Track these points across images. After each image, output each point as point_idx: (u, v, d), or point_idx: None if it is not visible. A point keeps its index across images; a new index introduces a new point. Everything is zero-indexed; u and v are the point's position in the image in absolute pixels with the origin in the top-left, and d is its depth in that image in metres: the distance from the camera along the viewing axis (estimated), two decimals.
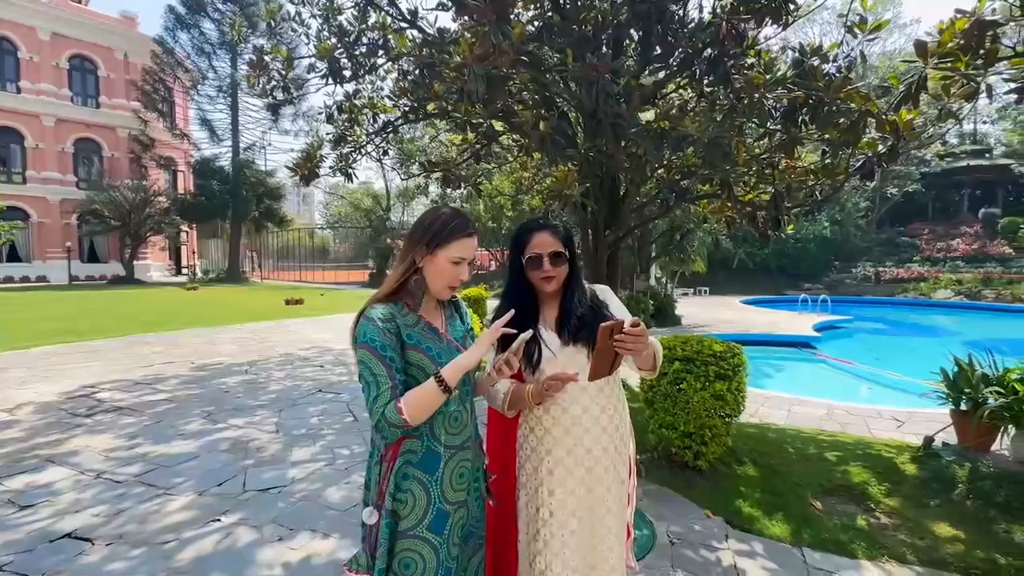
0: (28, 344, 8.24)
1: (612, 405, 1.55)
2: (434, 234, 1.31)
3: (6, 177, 24.39)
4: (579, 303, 1.56)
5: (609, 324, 1.29)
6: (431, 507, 1.28)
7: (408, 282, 1.33)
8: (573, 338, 1.51)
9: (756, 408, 5.58)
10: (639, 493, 3.12)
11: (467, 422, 1.38)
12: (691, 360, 3.29)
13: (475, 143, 5.71)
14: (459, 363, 1.24)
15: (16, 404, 5.02)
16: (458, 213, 1.36)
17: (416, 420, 1.21)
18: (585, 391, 1.50)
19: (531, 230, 1.56)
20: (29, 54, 24.80)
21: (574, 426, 1.50)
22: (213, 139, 29.06)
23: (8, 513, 2.90)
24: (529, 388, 1.46)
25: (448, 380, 1.22)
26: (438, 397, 1.22)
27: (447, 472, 1.31)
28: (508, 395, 1.49)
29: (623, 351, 1.32)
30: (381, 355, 1.23)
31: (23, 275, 24.58)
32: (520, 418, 1.57)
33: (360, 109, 6.38)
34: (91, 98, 26.99)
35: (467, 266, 1.33)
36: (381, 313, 1.27)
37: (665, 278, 17.26)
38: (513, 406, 1.50)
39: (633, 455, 1.67)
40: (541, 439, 1.52)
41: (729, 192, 4.75)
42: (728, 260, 22.47)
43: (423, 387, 1.23)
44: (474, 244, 1.33)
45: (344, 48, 5.61)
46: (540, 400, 1.45)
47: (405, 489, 1.28)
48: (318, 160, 6.36)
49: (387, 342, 1.24)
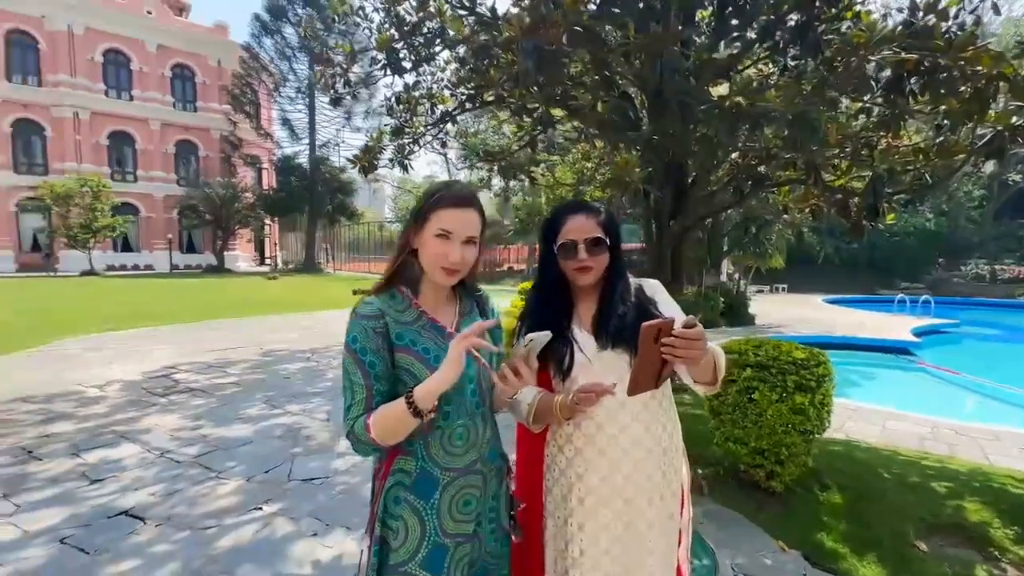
0: (124, 326, 9.10)
1: (659, 424, 1.28)
2: (421, 206, 1.11)
3: (121, 176, 27.36)
4: (621, 299, 1.29)
5: (655, 323, 1.01)
6: (426, 539, 1.08)
7: (403, 267, 1.15)
8: (612, 341, 1.25)
9: (842, 422, 4.95)
10: (698, 514, 2.79)
11: (477, 441, 1.15)
12: (765, 367, 2.88)
13: (531, 130, 5.47)
14: (430, 384, 1.01)
15: (106, 381, 5.48)
16: (454, 183, 1.17)
17: (386, 441, 1.04)
18: (624, 406, 1.24)
19: (564, 212, 1.31)
20: (140, 65, 27.60)
21: (610, 447, 1.24)
22: (293, 138, 30.93)
23: (79, 486, 3.09)
24: (558, 399, 1.22)
25: (419, 402, 1.00)
26: (407, 420, 1.01)
27: (446, 499, 1.11)
28: (534, 406, 1.25)
29: (672, 359, 1.03)
30: (359, 359, 1.06)
31: (134, 263, 27.55)
32: (548, 434, 1.33)
33: (418, 100, 6.35)
34: (189, 103, 29.60)
35: (464, 245, 1.09)
36: (369, 309, 1.10)
37: (738, 274, 16.12)
38: (540, 420, 1.27)
39: (687, 484, 1.39)
40: (571, 461, 1.27)
41: (816, 177, 4.18)
42: (811, 255, 20.63)
43: (392, 406, 1.03)
44: (468, 217, 1.10)
45: (402, 38, 5.57)
46: (570, 415, 1.21)
47: (396, 515, 1.10)
48: (377, 152, 6.42)
49: (368, 344, 1.07)
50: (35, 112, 25.02)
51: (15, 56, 24.66)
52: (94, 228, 22.71)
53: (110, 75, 26.97)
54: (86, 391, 5.13)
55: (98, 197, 22.74)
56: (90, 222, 22.56)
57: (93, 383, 5.41)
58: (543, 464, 1.33)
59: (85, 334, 8.27)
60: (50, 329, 8.52)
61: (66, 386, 5.27)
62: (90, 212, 22.55)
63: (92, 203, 22.58)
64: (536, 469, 1.34)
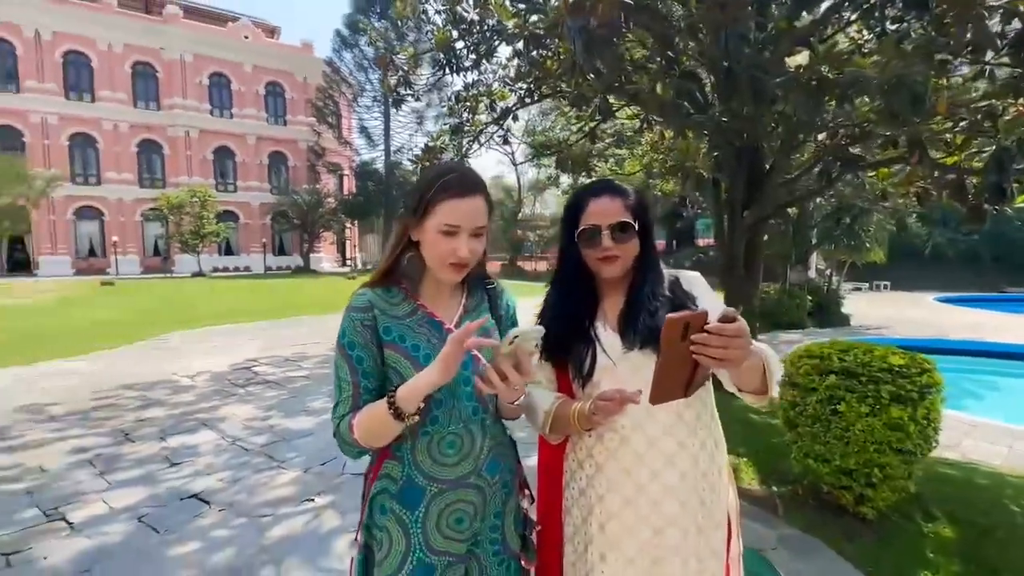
0: (220, 322, 9.99)
1: (697, 440, 1.08)
2: (420, 196, 0.99)
3: (223, 187, 30.32)
4: (652, 293, 1.10)
5: (681, 316, 0.81)
6: (410, 555, 0.98)
7: (400, 260, 1.05)
8: (641, 341, 1.06)
9: (958, 439, 4.27)
10: (771, 538, 2.47)
11: (471, 451, 1.02)
12: (853, 374, 2.49)
13: (589, 121, 5.24)
14: (416, 383, 0.91)
15: (197, 372, 6.01)
16: (455, 167, 1.02)
17: (370, 444, 0.96)
18: (654, 417, 1.05)
19: (587, 195, 1.14)
20: (238, 86, 30.40)
21: (636, 467, 1.05)
22: (370, 144, 32.62)
23: (160, 468, 3.36)
24: (576, 407, 1.06)
25: (400, 403, 0.90)
26: (388, 423, 0.91)
27: (433, 513, 1.00)
28: (551, 414, 1.09)
29: (706, 360, 0.83)
30: (347, 353, 1.00)
31: (235, 265, 30.43)
32: (568, 446, 1.17)
33: (478, 98, 6.35)
34: (280, 117, 32.13)
35: (472, 238, 0.97)
36: (359, 301, 1.03)
37: (830, 269, 14.64)
38: (558, 430, 1.11)
39: (735, 513, 1.16)
40: (591, 479, 1.10)
41: (922, 154, 3.62)
42: (918, 247, 18.29)
43: (375, 405, 0.94)
44: (473, 206, 0.97)
45: (461, 36, 5.58)
46: (589, 425, 1.05)
47: (381, 525, 1.01)
48: (439, 152, 6.49)
49: (356, 338, 1.00)
50: (156, 133, 28.40)
51: (139, 85, 28.12)
52: (202, 234, 25.40)
53: (214, 96, 29.96)
54: (180, 380, 5.65)
55: (205, 206, 25.39)
56: (199, 229, 25.26)
57: (186, 373, 5.95)
58: (562, 480, 1.17)
59: (188, 329, 9.18)
60: (160, 324, 9.55)
61: (164, 375, 5.83)
62: (199, 220, 25.24)
63: (200, 212, 25.26)
64: (555, 485, 1.18)
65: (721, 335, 0.81)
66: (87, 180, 26.83)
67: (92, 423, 4.24)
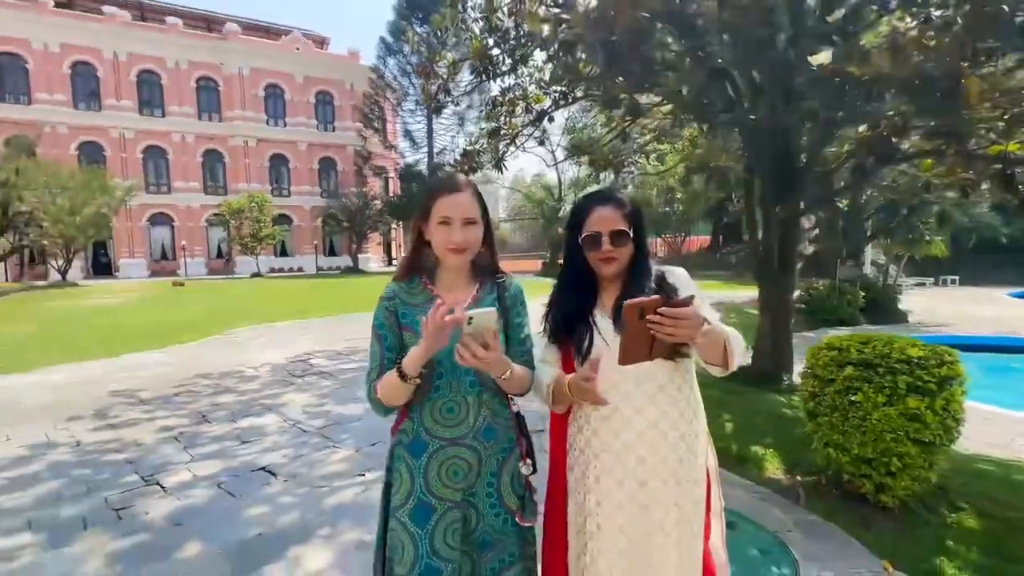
0: (278, 319, 10.74)
1: (676, 409, 1.27)
2: (424, 201, 1.28)
3: (279, 192, 32.08)
4: (641, 287, 1.31)
5: (636, 302, 1.06)
6: (413, 493, 1.24)
7: (419, 257, 1.32)
8: None
9: (1010, 439, 4.14)
10: (788, 522, 2.58)
11: (467, 417, 1.26)
12: (870, 365, 2.56)
13: (621, 120, 5.37)
14: (413, 353, 1.16)
15: (260, 364, 6.59)
16: (445, 174, 1.32)
17: (390, 403, 1.24)
18: (640, 387, 1.26)
19: (591, 203, 1.35)
20: (291, 96, 32.06)
21: (624, 429, 1.27)
22: (413, 147, 33.57)
23: (233, 445, 3.81)
24: (568, 379, 1.28)
25: (404, 367, 1.16)
26: (398, 384, 1.18)
27: (434, 464, 1.24)
28: (550, 387, 1.32)
29: (660, 336, 1.08)
30: (378, 333, 1.30)
31: (289, 266, 32.12)
32: (570, 415, 1.39)
33: (514, 101, 6.58)
34: (329, 124, 33.61)
35: (464, 227, 1.23)
36: (387, 291, 1.32)
37: (892, 265, 13.92)
38: (558, 400, 1.33)
39: (713, 471, 1.36)
40: (589, 440, 1.32)
41: (958, 145, 3.59)
42: (989, 239, 17.00)
43: (390, 372, 1.20)
44: (461, 200, 1.23)
45: (496, 43, 5.84)
46: (580, 393, 1.26)
47: (396, 468, 1.29)
48: (477, 155, 6.78)
49: (383, 320, 1.29)
50: (218, 143, 30.44)
51: (203, 99, 30.21)
52: (260, 237, 27.05)
53: (269, 106, 31.74)
54: (246, 371, 6.23)
55: (262, 211, 27.02)
56: (257, 232, 26.92)
57: (251, 364, 6.54)
58: (565, 441, 1.40)
59: (250, 325, 9.95)
60: (226, 321, 10.40)
61: (233, 366, 6.44)
62: (257, 224, 26.89)
63: (258, 216, 26.90)
64: (561, 448, 1.41)
65: (670, 317, 1.03)
66: (159, 189, 29.14)
67: (174, 406, 4.81)
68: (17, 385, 5.70)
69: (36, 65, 26.10)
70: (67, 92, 26.82)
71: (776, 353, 5.01)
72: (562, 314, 1.38)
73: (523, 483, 1.34)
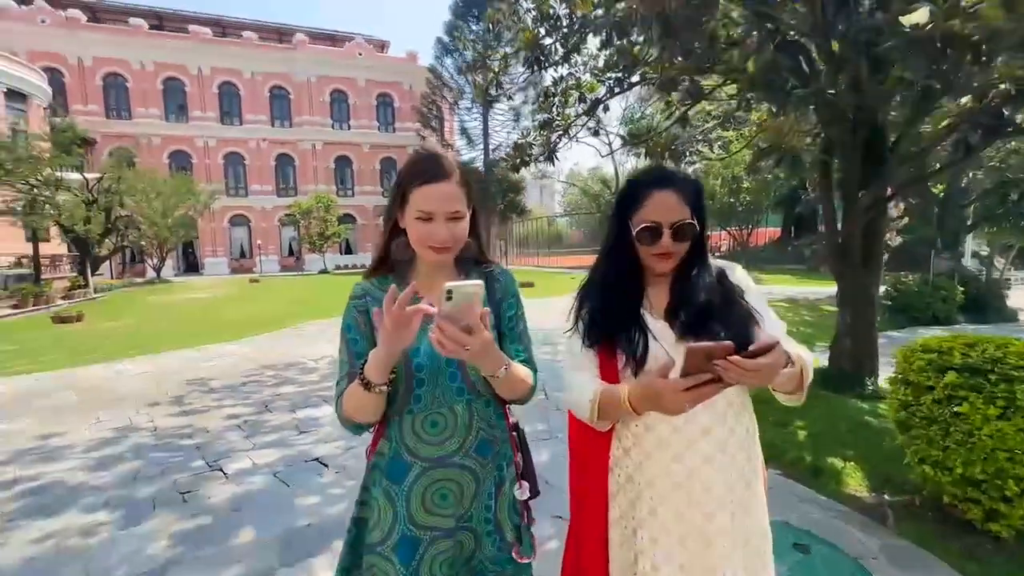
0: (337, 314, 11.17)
1: (742, 426, 1.08)
2: (397, 186, 1.06)
3: (343, 192, 33.61)
4: (702, 284, 1.11)
5: (701, 348, 0.85)
6: (396, 526, 1.05)
7: (390, 249, 1.11)
8: (693, 329, 1.07)
9: None
10: (874, 548, 2.28)
11: (456, 431, 1.06)
12: (979, 371, 2.19)
13: (679, 105, 5.04)
14: (376, 354, 0.94)
15: (321, 356, 6.85)
16: (427, 155, 1.05)
17: (357, 418, 1.03)
18: (707, 405, 1.02)
19: (648, 186, 1.10)
20: (354, 99, 33.44)
21: (689, 453, 1.06)
22: (470, 145, 33.93)
23: (291, 435, 3.95)
24: (627, 390, 1.02)
25: (367, 373, 0.95)
26: (365, 397, 0.97)
27: (417, 489, 1.05)
28: (596, 399, 1.07)
29: (730, 380, 0.86)
30: (346, 337, 1.10)
31: (354, 263, 33.58)
32: (614, 433, 1.16)
33: (568, 91, 6.41)
34: (389, 125, 34.75)
35: (450, 222, 1.01)
36: (356, 290, 1.13)
37: (993, 255, 12.36)
38: (606, 415, 1.08)
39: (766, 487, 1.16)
40: (640, 465, 1.11)
41: None
42: None
43: (354, 383, 1.00)
44: (446, 191, 1.01)
45: (548, 32, 5.69)
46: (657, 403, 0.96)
47: (373, 497, 1.09)
48: (528, 149, 6.66)
49: (352, 322, 1.10)
50: (288, 148, 32.34)
51: (275, 106, 32.19)
52: (326, 235, 28.49)
53: (334, 111, 33.30)
54: (307, 363, 6.50)
55: (328, 210, 28.43)
56: (324, 231, 28.36)
57: (313, 357, 6.82)
58: (606, 465, 1.17)
59: (316, 320, 10.44)
60: (297, 315, 10.98)
61: (296, 358, 6.75)
62: (323, 223, 28.33)
63: (325, 215, 28.33)
64: (595, 470, 1.18)
65: (747, 369, 0.83)
66: (237, 192, 31.40)
67: (241, 396, 5.08)
68: (114, 372, 6.28)
69: (135, 83, 28.87)
70: (160, 106, 29.50)
71: (857, 354, 4.52)
72: (605, 313, 1.16)
73: (518, 510, 1.15)
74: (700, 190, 1.15)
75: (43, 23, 26.63)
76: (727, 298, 1.11)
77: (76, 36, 27.21)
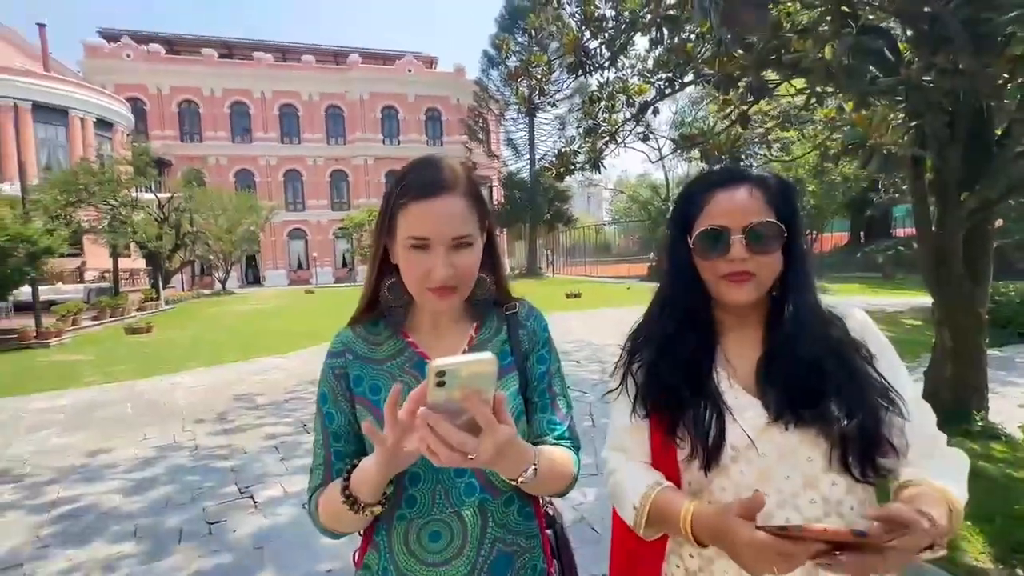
0: None
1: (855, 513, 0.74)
2: (384, 205, 0.78)
3: None
4: (808, 336, 0.77)
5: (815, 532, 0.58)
6: None
7: (381, 287, 0.83)
8: (793, 411, 0.74)
9: None
10: None
11: (463, 545, 0.76)
12: None
13: (740, 104, 4.59)
14: (366, 467, 0.68)
15: None
16: (420, 161, 0.79)
17: (337, 530, 0.77)
18: (812, 488, 0.74)
19: (708, 185, 0.82)
20: (404, 115, 34.43)
21: None
22: (516, 155, 34.06)
23: None
24: (691, 512, 0.73)
25: (354, 490, 0.69)
26: (346, 514, 0.70)
27: None
28: (646, 504, 0.78)
29: None
30: (320, 410, 0.83)
31: None
32: (668, 547, 0.88)
33: (614, 95, 6.10)
34: (437, 139, 35.48)
35: (452, 251, 0.73)
36: (335, 344, 0.85)
37: None
38: (655, 524, 0.79)
39: None
40: (711, 560, 0.80)
41: None
42: None
43: (334, 486, 0.75)
44: (447, 209, 0.72)
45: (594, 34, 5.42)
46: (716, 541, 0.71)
47: None
48: (572, 156, 6.38)
49: (327, 390, 0.82)
50: (342, 164, 33.69)
51: (330, 124, 33.68)
52: None
53: (385, 127, 34.41)
54: None
55: None
56: None
57: None
58: (662, 553, 0.88)
59: None
60: None
61: None
62: None
63: None
64: (643, 561, 0.90)
65: None
66: (295, 207, 32.98)
67: (283, 413, 5.06)
68: (170, 384, 6.50)
69: (205, 108, 31.09)
70: (227, 129, 31.57)
71: (961, 383, 3.87)
72: (667, 373, 0.83)
73: None
74: (790, 190, 0.82)
75: (128, 57, 29.25)
76: (845, 361, 0.77)
77: (155, 68, 29.69)
